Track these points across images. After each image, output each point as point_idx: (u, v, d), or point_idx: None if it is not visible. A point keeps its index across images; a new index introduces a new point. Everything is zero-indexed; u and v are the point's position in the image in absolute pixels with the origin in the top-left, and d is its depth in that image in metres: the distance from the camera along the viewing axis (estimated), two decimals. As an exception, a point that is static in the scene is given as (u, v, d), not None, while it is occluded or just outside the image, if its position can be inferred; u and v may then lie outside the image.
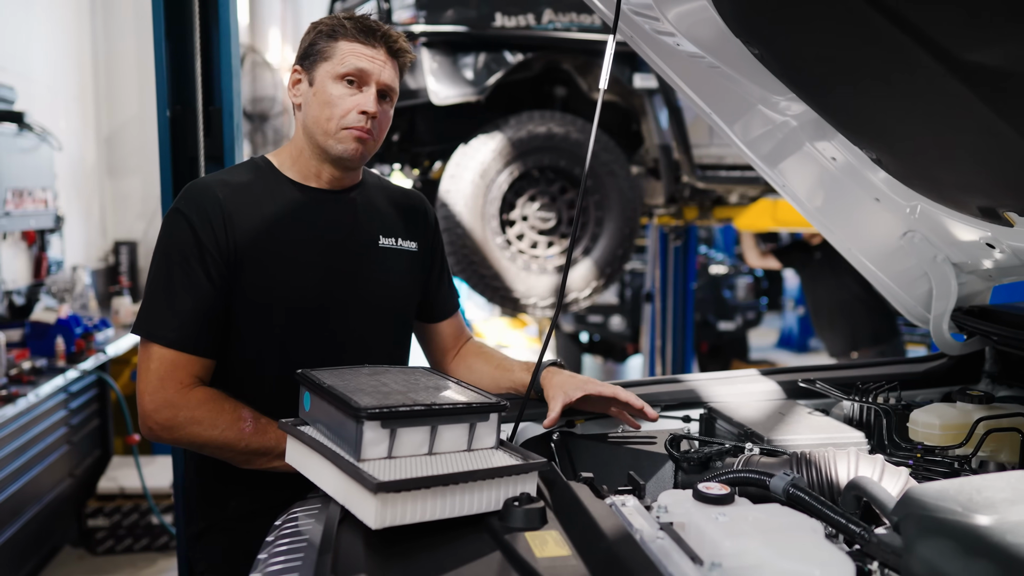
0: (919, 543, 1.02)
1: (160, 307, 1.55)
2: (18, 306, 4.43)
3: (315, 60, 1.62)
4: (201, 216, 1.56)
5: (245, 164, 1.73)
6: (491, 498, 1.21)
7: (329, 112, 1.60)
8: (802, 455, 1.39)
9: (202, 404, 1.52)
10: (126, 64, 6.09)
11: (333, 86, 1.60)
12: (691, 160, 4.01)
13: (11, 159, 3.98)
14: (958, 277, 1.85)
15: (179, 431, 1.52)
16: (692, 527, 1.13)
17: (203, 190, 1.61)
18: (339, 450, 1.23)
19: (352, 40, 1.60)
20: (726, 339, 7.40)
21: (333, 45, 1.60)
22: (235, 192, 1.62)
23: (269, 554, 1.16)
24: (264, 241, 1.60)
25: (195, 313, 1.54)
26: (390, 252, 1.73)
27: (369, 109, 1.59)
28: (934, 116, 1.38)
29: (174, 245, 1.56)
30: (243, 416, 1.52)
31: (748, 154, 1.86)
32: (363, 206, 1.73)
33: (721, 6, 1.45)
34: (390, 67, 1.63)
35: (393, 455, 1.18)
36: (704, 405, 1.80)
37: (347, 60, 1.59)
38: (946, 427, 1.57)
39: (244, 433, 1.51)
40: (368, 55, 1.60)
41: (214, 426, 1.51)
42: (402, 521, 1.13)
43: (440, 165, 4.41)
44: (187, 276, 1.54)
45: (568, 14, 3.79)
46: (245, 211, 1.60)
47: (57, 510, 4.12)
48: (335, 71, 1.59)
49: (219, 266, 1.56)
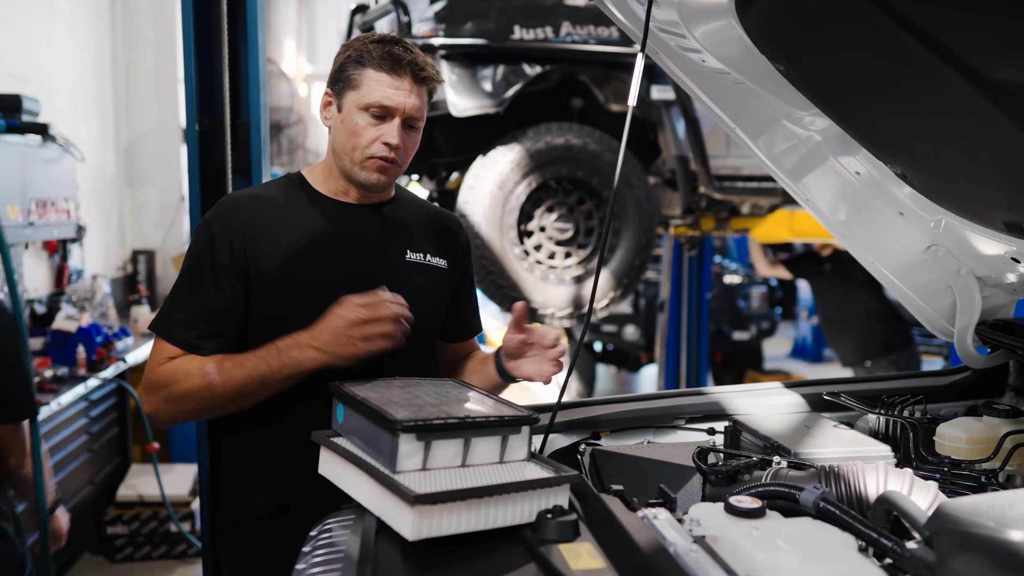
0: (953, 558, 1.03)
1: (169, 306, 1.65)
2: (39, 315, 4.48)
3: (343, 87, 1.65)
4: (224, 228, 1.63)
5: (281, 179, 1.79)
6: (524, 510, 1.23)
7: (354, 141, 1.64)
8: (830, 468, 1.40)
9: (169, 372, 1.58)
10: (145, 75, 6.17)
11: (359, 115, 1.63)
12: (708, 171, 4.02)
13: (35, 170, 4.04)
14: (982, 291, 1.85)
15: (164, 406, 1.59)
16: (725, 540, 1.14)
17: (232, 204, 1.69)
18: (373, 462, 1.25)
19: (378, 70, 1.61)
20: (740, 349, 7.39)
21: (360, 73, 1.63)
22: (265, 206, 1.68)
23: (307, 564, 1.18)
24: (289, 253, 1.64)
25: (198, 316, 1.61)
26: (416, 266, 1.75)
27: (392, 141, 1.62)
28: (961, 132, 1.39)
29: (193, 253, 1.66)
30: (206, 370, 1.55)
31: (772, 168, 1.87)
32: (392, 221, 1.76)
33: (748, 24, 1.47)
34: (415, 96, 1.63)
35: (427, 467, 1.20)
36: (729, 418, 1.81)
37: (373, 93, 1.61)
38: (973, 441, 1.58)
39: (215, 385, 1.55)
40: (393, 86, 1.61)
41: (185, 383, 1.56)
42: (438, 533, 1.15)
43: (457, 176, 4.44)
44: (196, 283, 1.62)
45: (586, 27, 3.82)
46: (273, 224, 1.66)
47: (77, 518, 4.15)
48: (360, 101, 1.62)
49: (231, 277, 1.62)
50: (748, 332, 7.28)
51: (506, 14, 3.78)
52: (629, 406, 1.86)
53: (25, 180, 3.92)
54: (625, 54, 3.88)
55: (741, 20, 1.47)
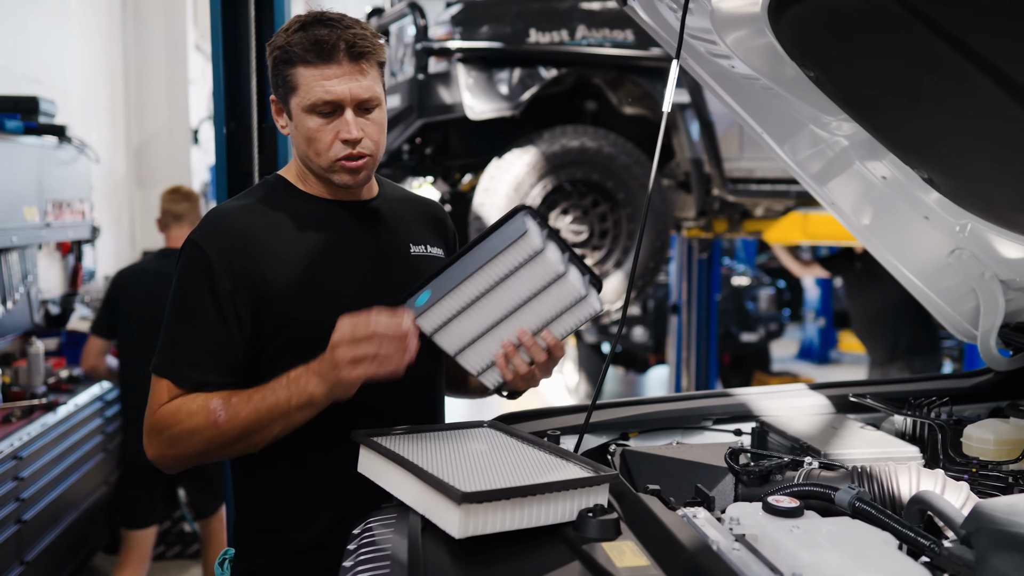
0: (993, 556, 1.05)
1: (166, 343, 1.49)
2: (54, 315, 4.51)
3: (284, 91, 1.52)
4: (220, 249, 1.48)
5: (259, 185, 1.67)
6: (566, 509, 1.25)
7: (314, 148, 1.51)
8: (862, 469, 1.42)
9: (171, 413, 1.44)
10: (156, 77, 6.20)
11: (307, 119, 1.49)
12: (722, 173, 4.05)
13: (52, 171, 4.06)
14: (1005, 293, 1.87)
15: (168, 450, 1.46)
16: (766, 539, 1.16)
17: (223, 219, 1.54)
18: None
19: (307, 65, 1.46)
20: (748, 351, 7.42)
21: (293, 73, 1.48)
22: (257, 216, 1.55)
23: (354, 562, 1.20)
24: (293, 260, 1.53)
25: (201, 351, 1.46)
26: (422, 259, 1.66)
27: (349, 136, 1.48)
28: (992, 139, 1.41)
29: (186, 280, 1.49)
30: (211, 407, 1.41)
31: (798, 172, 1.89)
32: (387, 215, 1.66)
33: (780, 31, 1.49)
34: (360, 77, 1.47)
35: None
36: (755, 419, 1.83)
37: (312, 92, 1.46)
38: (1000, 442, 1.60)
39: (219, 423, 1.41)
40: (329, 77, 1.46)
41: (187, 423, 1.42)
42: (483, 531, 1.17)
43: (470, 178, 4.47)
44: (195, 313, 1.47)
45: (601, 30, 3.85)
46: (272, 234, 1.53)
47: (92, 517, 4.18)
48: (302, 103, 1.48)
49: (235, 302, 1.47)
50: (756, 334, 7.31)
51: (522, 17, 3.80)
52: (656, 407, 1.88)
53: (42, 181, 3.95)
54: (640, 57, 3.91)
55: (773, 27, 1.49)
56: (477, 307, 1.44)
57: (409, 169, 4.14)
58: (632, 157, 3.95)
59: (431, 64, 3.71)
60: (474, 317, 1.45)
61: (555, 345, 1.49)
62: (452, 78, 3.65)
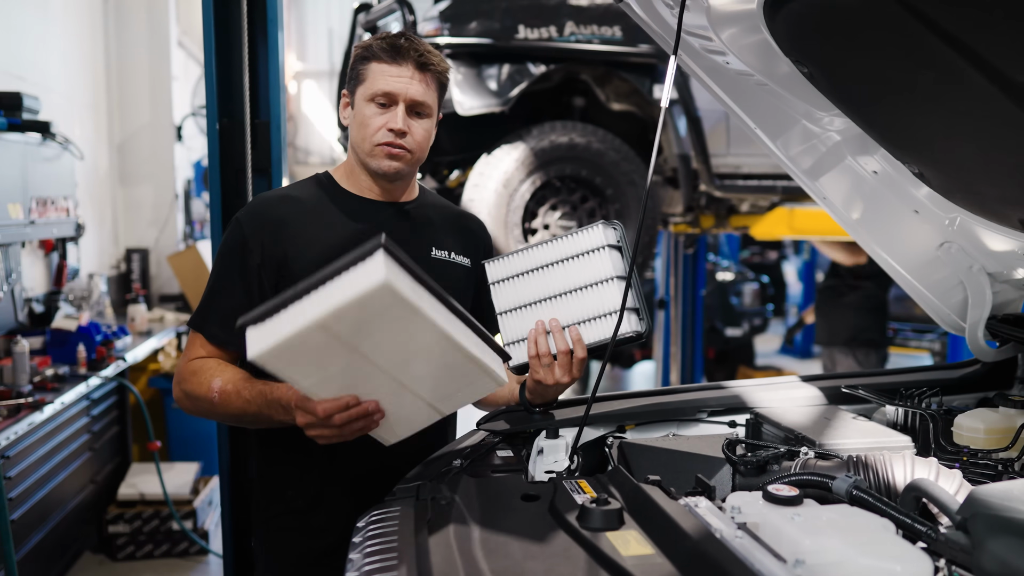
0: (989, 541, 1.08)
1: (204, 303, 1.70)
2: (38, 313, 4.47)
3: (354, 84, 1.72)
4: (256, 227, 1.68)
5: (309, 179, 1.83)
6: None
7: (363, 132, 1.70)
8: (858, 458, 1.45)
9: (192, 371, 1.65)
10: (138, 73, 6.15)
11: (366, 107, 1.69)
12: (709, 169, 4.08)
13: (35, 168, 4.03)
14: (993, 286, 1.91)
15: (184, 400, 1.67)
16: (767, 527, 1.18)
17: (264, 203, 1.73)
18: None
19: (380, 61, 1.67)
20: (733, 345, 7.47)
21: (366, 68, 1.69)
22: (295, 205, 1.73)
23: (362, 554, 1.21)
24: (322, 252, 1.65)
25: (229, 314, 1.59)
26: (441, 264, 1.79)
27: (395, 126, 1.66)
28: (983, 134, 1.44)
29: (224, 251, 1.71)
30: (211, 388, 1.60)
31: (790, 167, 1.92)
32: (417, 218, 1.81)
33: (775, 28, 1.51)
34: (418, 83, 1.68)
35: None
36: (750, 410, 1.85)
37: (376, 82, 1.67)
38: (990, 431, 1.63)
39: (215, 403, 1.60)
40: (394, 75, 1.66)
41: (197, 388, 1.62)
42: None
43: (457, 174, 4.47)
44: (227, 281, 1.68)
45: (589, 26, 3.86)
46: (305, 223, 1.70)
47: (79, 517, 4.15)
48: (366, 93, 1.68)
49: (261, 278, 1.66)
50: (740, 328, 7.36)
51: (510, 13, 3.81)
52: (652, 400, 1.90)
53: (26, 178, 3.91)
54: (628, 53, 3.93)
55: (768, 24, 1.51)
56: (534, 276, 1.68)
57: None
58: (620, 153, 3.97)
59: (420, 60, 3.70)
60: (528, 284, 1.68)
61: (578, 341, 1.63)
62: (441, 74, 3.64)
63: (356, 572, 1.16)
